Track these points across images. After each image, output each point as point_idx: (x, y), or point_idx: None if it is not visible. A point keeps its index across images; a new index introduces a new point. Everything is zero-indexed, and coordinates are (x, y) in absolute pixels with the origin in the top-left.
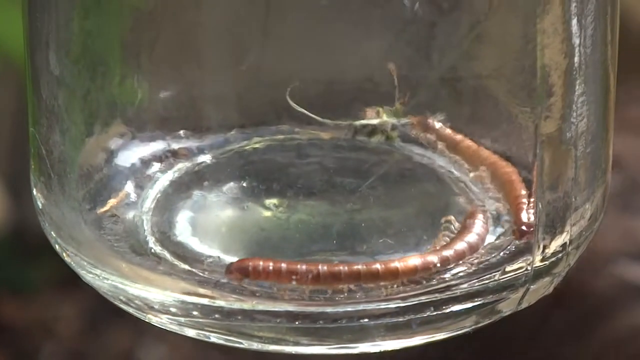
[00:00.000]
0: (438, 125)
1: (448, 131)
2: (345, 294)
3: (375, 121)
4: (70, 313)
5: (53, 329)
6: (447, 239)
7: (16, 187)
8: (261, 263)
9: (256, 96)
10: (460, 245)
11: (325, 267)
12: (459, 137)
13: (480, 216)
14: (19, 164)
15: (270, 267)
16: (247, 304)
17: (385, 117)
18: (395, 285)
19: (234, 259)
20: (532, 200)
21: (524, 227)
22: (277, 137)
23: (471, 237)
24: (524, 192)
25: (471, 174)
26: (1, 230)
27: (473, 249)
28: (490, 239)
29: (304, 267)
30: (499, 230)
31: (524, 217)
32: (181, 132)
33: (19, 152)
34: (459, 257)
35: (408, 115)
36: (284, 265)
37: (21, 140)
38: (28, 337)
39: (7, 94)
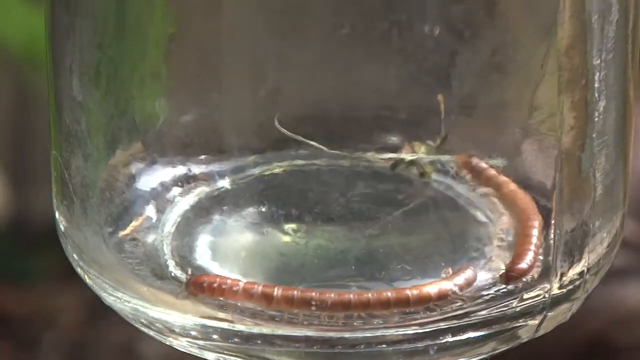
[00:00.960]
0: (483, 165)
1: (492, 172)
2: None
3: (414, 157)
4: (70, 303)
5: (53, 319)
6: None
7: (17, 179)
8: (217, 280)
9: (274, 122)
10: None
11: (280, 291)
12: (502, 179)
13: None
14: (19, 155)
15: (225, 285)
16: (266, 329)
17: (423, 153)
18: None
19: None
20: (540, 243)
21: (513, 273)
22: (297, 163)
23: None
24: (535, 241)
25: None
26: (2, 221)
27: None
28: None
29: (259, 288)
30: None
31: (520, 263)
32: (201, 156)
33: (19, 143)
34: (470, 283)
35: (452, 154)
36: (240, 284)
37: (21, 132)
38: (28, 327)
39: (6, 86)
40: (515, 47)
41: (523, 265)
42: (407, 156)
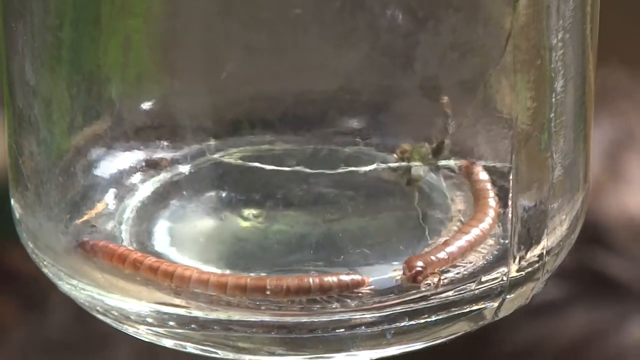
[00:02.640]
0: (483, 175)
1: (486, 180)
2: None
3: (416, 164)
4: None
5: None
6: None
7: None
8: (110, 246)
9: (231, 106)
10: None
11: (151, 262)
12: (482, 179)
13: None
14: None
15: (114, 252)
16: (223, 314)
17: (417, 159)
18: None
19: (213, 270)
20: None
21: (415, 268)
22: (256, 148)
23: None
24: (461, 243)
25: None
26: (6, 178)
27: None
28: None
29: (150, 260)
30: None
31: (415, 262)
32: (160, 142)
33: None
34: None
35: (456, 158)
36: (132, 254)
37: None
38: (35, 285)
39: None
40: (474, 27)
41: (417, 263)
42: (412, 164)
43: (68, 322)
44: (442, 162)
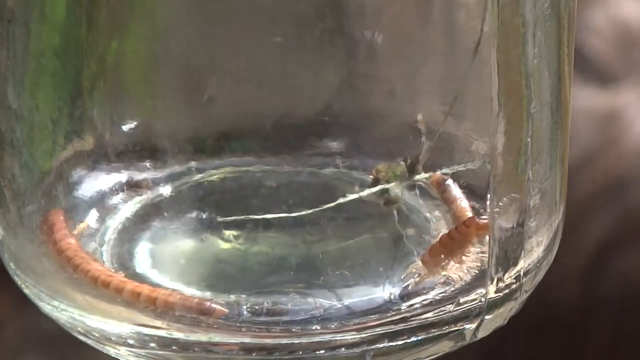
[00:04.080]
0: (454, 187)
1: (457, 193)
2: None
3: (390, 185)
4: None
5: None
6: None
7: None
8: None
9: (212, 129)
10: None
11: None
12: (458, 198)
13: None
14: None
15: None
16: (203, 336)
17: (392, 177)
18: None
19: (193, 291)
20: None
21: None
22: (236, 169)
23: None
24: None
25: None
26: None
27: None
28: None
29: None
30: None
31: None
32: (142, 163)
33: None
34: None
35: (426, 172)
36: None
37: None
38: None
39: None
40: (448, 55)
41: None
42: (387, 185)
43: None
44: (418, 177)
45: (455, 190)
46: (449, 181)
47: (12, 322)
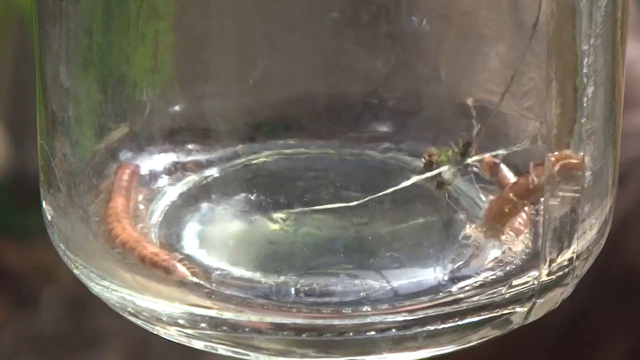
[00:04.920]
0: (505, 169)
1: (509, 176)
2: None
3: (444, 169)
4: None
5: (53, 274)
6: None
7: (17, 133)
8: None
9: (264, 110)
10: None
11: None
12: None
13: None
14: (19, 110)
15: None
16: (254, 316)
17: (444, 161)
18: None
19: (242, 272)
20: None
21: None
22: (285, 151)
23: None
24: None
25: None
26: (2, 176)
27: None
28: (496, 253)
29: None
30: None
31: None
32: (190, 145)
33: (19, 98)
34: None
35: (479, 154)
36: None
37: (22, 86)
38: (28, 281)
39: (7, 39)
40: (501, 33)
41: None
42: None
43: (59, 318)
44: (469, 160)
45: (507, 172)
46: (500, 163)
47: (8, 326)
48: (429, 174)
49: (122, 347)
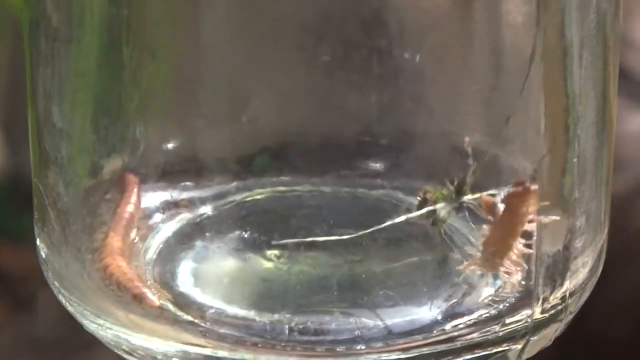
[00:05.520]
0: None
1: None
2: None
3: (439, 206)
4: None
5: None
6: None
7: (13, 136)
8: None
9: (257, 148)
10: None
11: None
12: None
13: None
14: (16, 112)
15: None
16: (248, 355)
17: (440, 198)
18: None
19: (236, 310)
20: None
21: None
22: (279, 189)
23: None
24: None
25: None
26: None
27: None
28: (489, 291)
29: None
30: (499, 282)
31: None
32: (183, 183)
33: (16, 100)
34: None
35: (472, 193)
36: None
37: (18, 88)
38: (26, 284)
39: (4, 44)
40: (494, 75)
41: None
42: (435, 207)
43: (57, 321)
44: (466, 198)
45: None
46: (499, 202)
47: (6, 328)
48: (422, 211)
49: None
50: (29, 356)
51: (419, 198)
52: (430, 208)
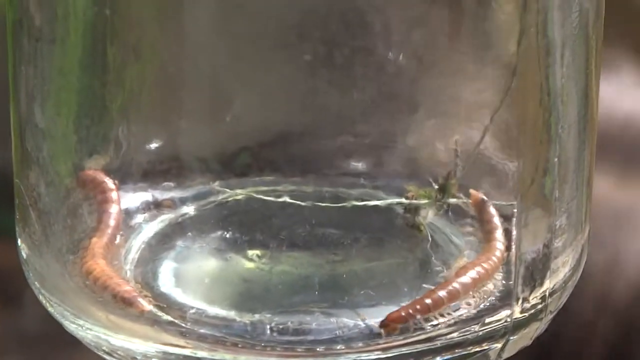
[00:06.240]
0: (491, 208)
1: (493, 213)
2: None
3: (421, 204)
4: None
5: None
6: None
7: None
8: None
9: (239, 148)
10: None
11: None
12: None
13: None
14: (2, 109)
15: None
16: (228, 356)
17: (423, 198)
18: None
19: (217, 310)
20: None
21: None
22: (260, 189)
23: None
24: (452, 289)
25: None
26: None
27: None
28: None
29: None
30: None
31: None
32: (165, 183)
33: (2, 98)
34: None
35: (465, 191)
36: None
37: (2, 84)
38: (13, 280)
39: None
40: (476, 72)
41: (398, 314)
42: (420, 204)
43: (44, 316)
44: (455, 199)
45: (493, 210)
46: (488, 201)
47: None
48: (394, 200)
49: None
50: (16, 351)
51: (404, 200)
52: (412, 203)
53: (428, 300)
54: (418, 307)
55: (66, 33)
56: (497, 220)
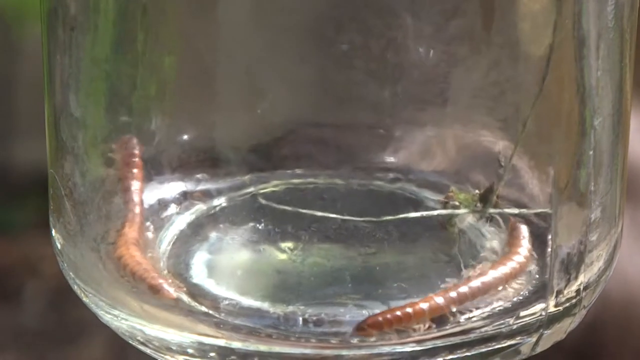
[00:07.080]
0: (523, 231)
1: (524, 234)
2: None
3: (464, 211)
4: (53, 252)
5: (37, 267)
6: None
7: (0, 130)
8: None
9: (273, 140)
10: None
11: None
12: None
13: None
14: (3, 106)
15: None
16: (263, 346)
17: (462, 201)
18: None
19: (250, 302)
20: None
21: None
22: (294, 181)
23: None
24: (448, 297)
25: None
26: None
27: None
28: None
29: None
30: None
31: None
32: (198, 174)
33: (3, 95)
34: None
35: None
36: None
37: (6, 83)
38: (12, 275)
39: None
40: (511, 65)
41: (377, 319)
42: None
43: (43, 312)
44: (492, 211)
45: (525, 232)
46: (523, 227)
47: None
48: (443, 212)
49: (104, 341)
50: (14, 347)
51: (444, 199)
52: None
53: (409, 310)
54: (399, 313)
55: (101, 22)
56: (525, 242)
